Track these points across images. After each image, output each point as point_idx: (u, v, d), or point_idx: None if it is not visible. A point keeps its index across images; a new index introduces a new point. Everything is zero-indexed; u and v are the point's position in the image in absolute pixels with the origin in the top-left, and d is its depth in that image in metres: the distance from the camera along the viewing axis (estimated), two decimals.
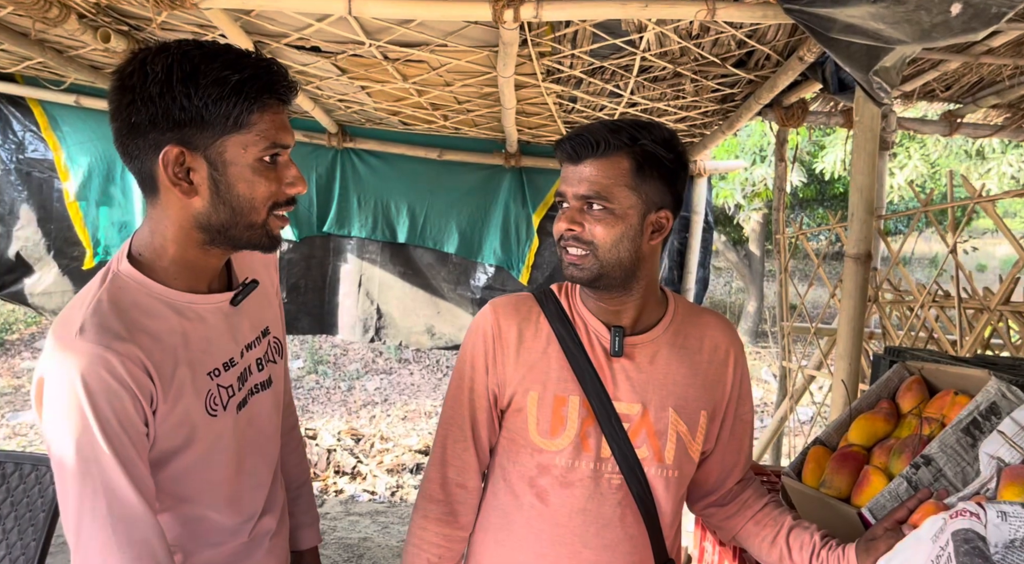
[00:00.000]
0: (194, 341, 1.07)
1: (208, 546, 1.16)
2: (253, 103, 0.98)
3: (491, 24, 1.85)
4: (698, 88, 2.46)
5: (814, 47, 1.89)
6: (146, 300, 1.04)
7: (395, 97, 2.77)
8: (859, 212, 1.79)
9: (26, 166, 3.25)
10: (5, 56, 2.70)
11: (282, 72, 1.03)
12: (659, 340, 1.24)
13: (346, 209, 3.56)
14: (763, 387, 8.29)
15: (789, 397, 2.88)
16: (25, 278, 3.37)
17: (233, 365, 1.14)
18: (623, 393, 1.21)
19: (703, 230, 3.67)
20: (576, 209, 1.16)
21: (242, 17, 1.97)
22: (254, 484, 1.20)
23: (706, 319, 1.30)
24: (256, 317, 1.22)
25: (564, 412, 1.22)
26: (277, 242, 1.09)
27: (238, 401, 1.14)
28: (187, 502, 1.12)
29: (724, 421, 1.29)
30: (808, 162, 7.61)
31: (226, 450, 1.12)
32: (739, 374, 1.29)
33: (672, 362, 1.23)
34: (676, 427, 1.22)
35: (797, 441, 3.61)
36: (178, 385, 1.04)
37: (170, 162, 0.99)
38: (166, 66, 0.96)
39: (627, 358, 1.22)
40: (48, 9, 1.77)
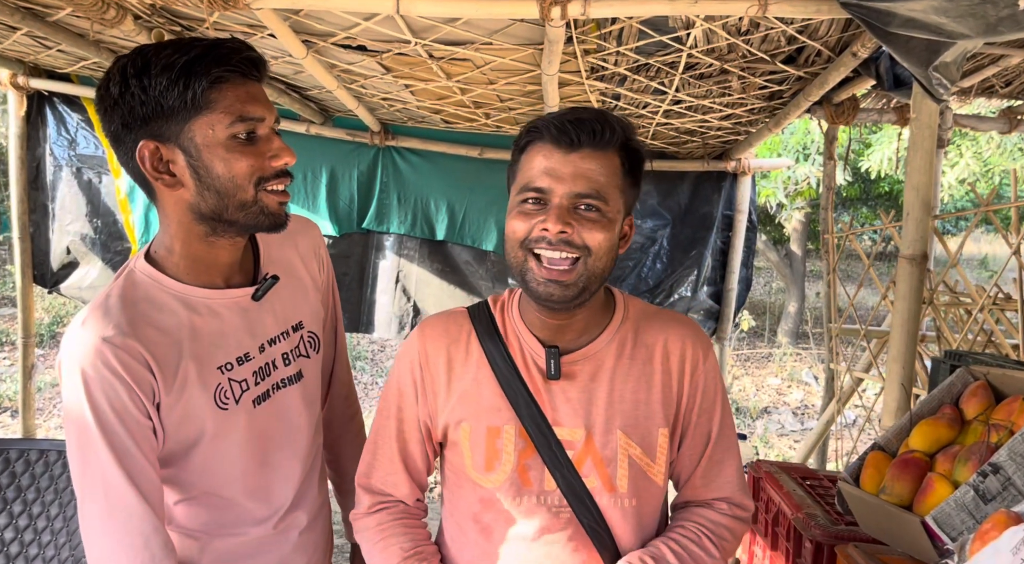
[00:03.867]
0: (204, 335, 1.08)
1: (230, 535, 1.17)
2: (204, 79, 0.97)
3: (537, 22, 1.84)
4: (745, 85, 2.42)
5: (869, 42, 1.85)
6: (158, 295, 1.06)
7: (438, 95, 2.78)
8: (915, 211, 1.74)
9: (77, 162, 3.34)
10: (62, 57, 2.77)
11: (236, 47, 1.01)
12: (601, 353, 1.10)
13: (386, 206, 3.59)
14: (804, 389, 8.14)
15: (836, 400, 2.81)
16: (74, 272, 3.47)
17: (248, 360, 1.13)
18: (564, 417, 1.09)
19: (747, 229, 3.62)
20: (565, 208, 1.00)
21: (291, 17, 1.99)
22: (282, 477, 1.21)
23: (662, 323, 1.14)
24: (285, 312, 1.21)
25: (499, 444, 1.10)
26: (278, 219, 1.08)
27: (255, 395, 1.14)
28: (210, 493, 1.14)
29: (684, 437, 1.14)
30: (853, 161, 7.44)
31: (244, 443, 1.13)
32: (699, 383, 1.13)
33: (617, 377, 1.09)
34: (627, 450, 1.08)
35: (841, 445, 3.53)
36: (182, 378, 1.05)
37: (147, 157, 1.00)
38: (121, 67, 0.99)
39: (566, 379, 1.09)
40: (106, 11, 1.81)
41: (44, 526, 1.61)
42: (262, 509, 1.19)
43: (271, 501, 1.20)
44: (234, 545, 1.17)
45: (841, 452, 3.05)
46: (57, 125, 3.30)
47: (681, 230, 3.60)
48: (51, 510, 1.61)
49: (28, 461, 1.61)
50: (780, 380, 8.45)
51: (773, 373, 8.70)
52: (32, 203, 3.34)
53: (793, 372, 8.63)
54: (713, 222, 3.59)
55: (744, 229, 3.61)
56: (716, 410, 1.15)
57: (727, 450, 1.17)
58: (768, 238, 10.70)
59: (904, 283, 1.76)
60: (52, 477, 1.58)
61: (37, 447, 1.63)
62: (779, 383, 8.36)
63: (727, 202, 3.61)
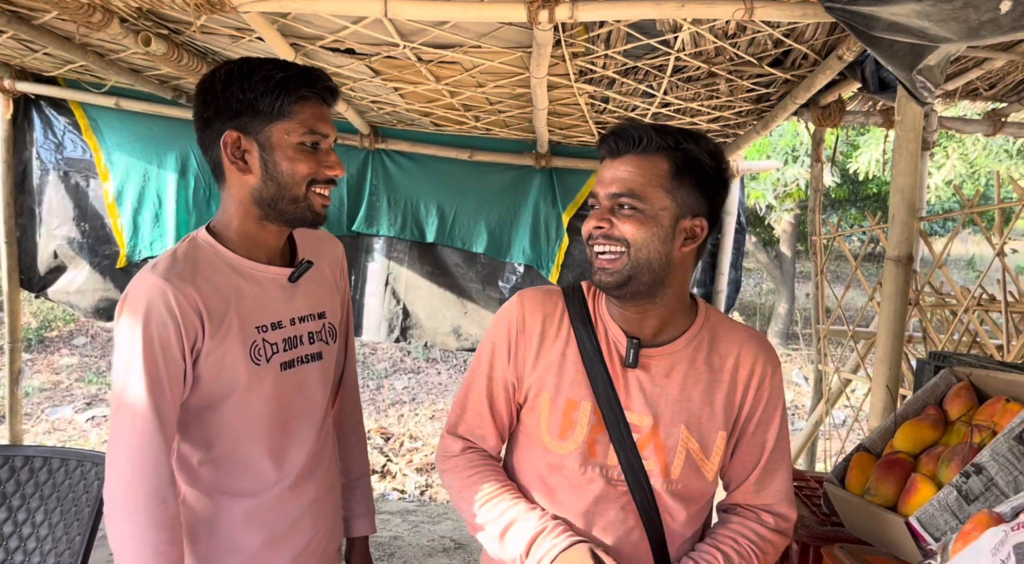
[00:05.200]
0: (247, 297, 1.27)
1: (247, 496, 1.30)
2: (293, 96, 1.19)
3: (525, 25, 1.85)
4: (733, 88, 2.44)
5: (854, 46, 1.86)
6: (213, 258, 1.26)
7: (427, 98, 2.78)
8: (900, 213, 1.76)
9: (64, 166, 3.32)
10: (48, 60, 2.76)
11: (321, 75, 1.24)
12: (678, 354, 1.21)
13: (375, 208, 3.59)
14: (794, 390, 8.17)
15: (825, 401, 2.83)
16: (62, 276, 3.45)
17: (280, 327, 1.31)
18: (635, 404, 1.20)
19: (735, 231, 3.63)
20: (607, 208, 1.14)
21: (279, 20, 1.99)
22: (298, 443, 1.35)
23: (738, 336, 1.24)
24: (313, 298, 1.39)
25: (575, 417, 1.21)
26: (320, 216, 1.28)
27: (283, 360, 1.30)
28: (233, 451, 1.28)
29: (739, 442, 1.24)
30: (841, 162, 7.49)
31: (269, 402, 1.29)
32: (762, 397, 1.22)
33: (689, 378, 1.20)
34: (687, 444, 1.19)
35: (831, 445, 3.55)
36: (226, 328, 1.22)
37: (229, 144, 1.22)
38: (228, 69, 1.22)
39: (642, 370, 1.20)
40: (92, 14, 1.80)
41: (29, 533, 1.60)
42: (278, 471, 1.32)
43: (286, 465, 1.33)
44: (250, 506, 1.30)
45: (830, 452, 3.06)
46: (44, 128, 3.28)
47: None
48: (36, 517, 1.60)
49: (13, 467, 1.60)
50: None
51: None
52: (19, 207, 3.32)
53: (783, 372, 8.65)
54: None
55: (733, 231, 3.62)
56: (774, 423, 1.23)
57: (780, 462, 1.25)
58: (758, 239, 10.75)
59: (890, 284, 1.78)
60: (37, 484, 1.56)
61: (22, 454, 1.62)
62: None
63: None
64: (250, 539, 1.30)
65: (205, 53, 2.42)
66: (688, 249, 1.15)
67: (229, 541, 1.30)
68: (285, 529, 1.35)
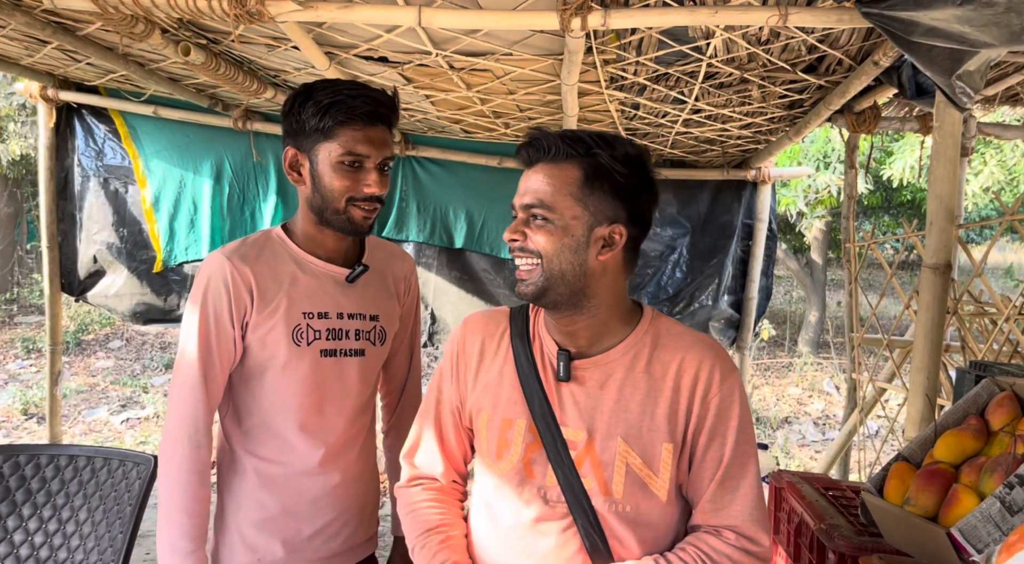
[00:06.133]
0: (301, 285, 1.43)
1: (276, 463, 1.44)
2: (336, 119, 1.34)
3: (557, 33, 1.86)
4: (765, 94, 2.42)
5: (890, 51, 1.84)
6: (279, 249, 1.45)
7: (458, 106, 2.80)
8: (938, 221, 1.73)
9: (104, 173, 3.40)
10: (91, 69, 2.83)
11: (369, 97, 1.36)
12: (615, 363, 1.16)
13: (405, 214, 3.62)
14: (825, 399, 8.05)
15: (859, 410, 2.78)
16: (101, 280, 3.52)
17: (326, 317, 1.44)
18: (570, 419, 1.15)
19: (767, 238, 3.60)
20: (521, 220, 1.14)
21: (314, 29, 2.02)
22: (328, 428, 1.46)
23: (686, 343, 1.17)
24: (368, 301, 1.51)
25: (510, 435, 1.19)
26: (358, 227, 1.41)
27: (324, 347, 1.43)
28: (269, 421, 1.43)
29: (694, 458, 1.15)
30: (875, 169, 7.38)
31: (304, 383, 1.42)
32: (710, 405, 1.13)
33: (627, 387, 1.14)
34: (626, 458, 1.12)
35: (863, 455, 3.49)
36: (274, 307, 1.39)
37: (288, 158, 1.42)
38: (295, 94, 1.40)
39: (576, 382, 1.16)
40: (135, 25, 1.85)
41: (73, 531, 1.64)
42: (304, 449, 1.44)
43: (313, 444, 1.44)
44: (278, 473, 1.44)
45: (863, 463, 3.01)
46: (85, 136, 3.36)
47: (701, 239, 3.59)
48: (80, 515, 1.64)
49: (58, 466, 1.65)
50: (801, 390, 8.37)
51: (793, 383, 8.62)
52: (60, 213, 3.40)
53: (814, 382, 8.54)
54: (733, 231, 3.57)
55: (764, 238, 3.60)
56: (729, 436, 1.14)
57: (741, 478, 1.14)
58: (788, 246, 10.62)
59: (927, 293, 1.75)
60: (81, 482, 1.61)
61: (67, 453, 1.66)
62: (800, 393, 8.28)
63: (747, 211, 3.60)
64: (269, 501, 1.44)
65: (241, 62, 2.47)
66: (606, 257, 1.12)
67: (254, 497, 1.45)
68: (304, 504, 1.45)
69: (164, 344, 9.04)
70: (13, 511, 1.62)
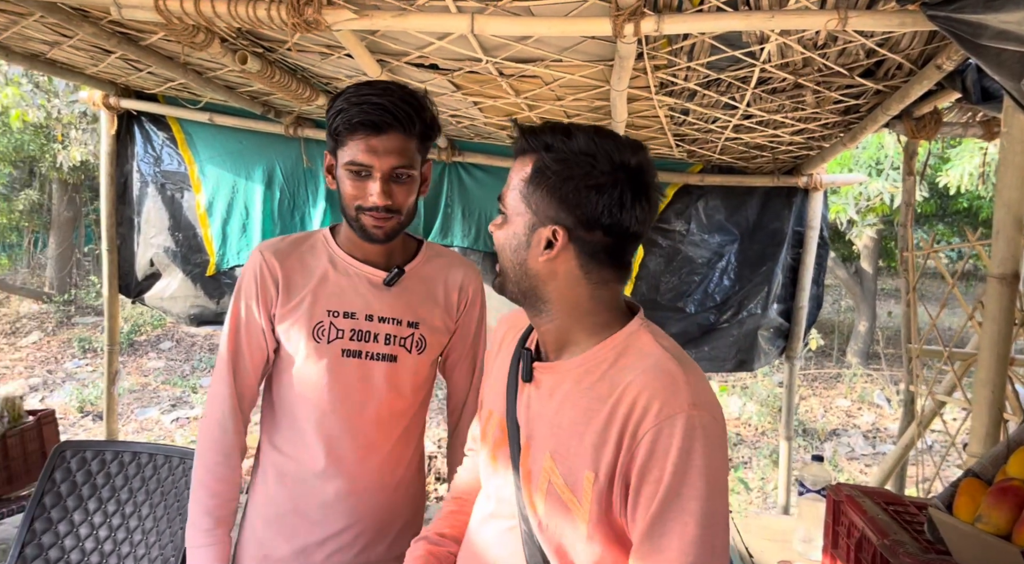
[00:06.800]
0: (330, 283, 1.43)
1: (290, 458, 1.44)
2: (345, 126, 1.34)
3: (609, 39, 1.85)
4: (819, 99, 2.37)
5: (955, 54, 1.79)
6: (320, 247, 1.48)
7: (506, 112, 2.81)
8: (1006, 229, 1.67)
9: (161, 178, 3.50)
10: (151, 78, 2.92)
11: (376, 104, 1.33)
12: (566, 374, 1.07)
13: (450, 219, 3.65)
14: (875, 412, 7.84)
15: (918, 423, 2.70)
16: (157, 283, 3.63)
17: (352, 317, 1.43)
18: (523, 420, 1.11)
19: (818, 246, 3.53)
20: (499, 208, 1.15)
21: (368, 37, 2.05)
22: (350, 432, 1.44)
23: (644, 364, 0.99)
24: (406, 306, 1.48)
25: (488, 427, 1.20)
26: (371, 236, 1.40)
27: (346, 347, 1.42)
28: (291, 411, 1.44)
29: (629, 496, 0.96)
30: (929, 176, 7.17)
31: (323, 379, 1.41)
32: (644, 442, 0.93)
33: (568, 401, 1.04)
34: (549, 475, 1.04)
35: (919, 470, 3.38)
36: (298, 301, 1.41)
37: (325, 160, 1.45)
38: (332, 98, 1.41)
39: (534, 385, 1.12)
40: (196, 34, 1.90)
41: (136, 525, 1.69)
42: (317, 447, 1.43)
43: (332, 445, 1.43)
44: (292, 469, 1.44)
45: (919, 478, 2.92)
46: (144, 143, 3.47)
47: (750, 246, 3.53)
48: (142, 510, 1.69)
49: (122, 462, 1.70)
50: (850, 402, 8.16)
51: (842, 394, 8.41)
52: (119, 217, 3.51)
53: (864, 394, 8.32)
54: (783, 238, 3.51)
55: (815, 246, 3.52)
56: (665, 480, 0.91)
57: (669, 536, 0.91)
58: (837, 255, 10.39)
59: (994, 303, 1.69)
60: (143, 479, 1.66)
61: (130, 449, 1.71)
62: (848, 405, 8.07)
63: (798, 218, 3.53)
64: (281, 498, 1.44)
65: (295, 70, 2.52)
66: (546, 259, 1.04)
67: (267, 492, 1.46)
68: (315, 506, 1.43)
69: (212, 345, 9.25)
70: (79, 505, 1.68)
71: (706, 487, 0.91)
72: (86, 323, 9.93)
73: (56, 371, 8.24)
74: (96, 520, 1.68)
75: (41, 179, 11.42)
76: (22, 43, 2.49)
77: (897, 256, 3.18)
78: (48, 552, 1.72)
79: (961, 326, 2.58)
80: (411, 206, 1.43)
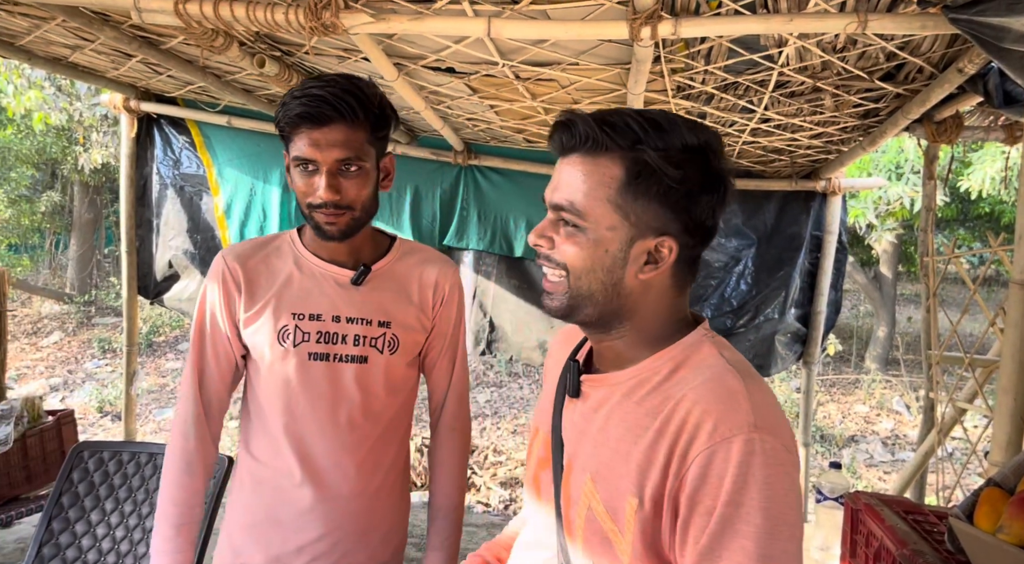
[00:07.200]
0: (294, 286, 1.39)
1: (263, 465, 1.41)
2: (287, 120, 1.29)
3: (625, 42, 1.85)
4: (838, 103, 2.35)
5: (977, 58, 1.76)
6: (285, 248, 1.43)
7: (522, 115, 2.81)
8: None
9: (180, 180, 3.54)
10: (170, 81, 2.95)
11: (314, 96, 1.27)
12: (617, 387, 0.94)
13: (466, 223, 3.65)
14: (895, 418, 7.75)
15: (937, 431, 2.66)
16: (175, 284, 3.66)
17: (318, 319, 1.38)
18: (567, 438, 0.99)
19: (836, 250, 3.49)
20: (549, 221, 0.93)
21: (384, 41, 2.06)
22: (321, 436, 1.39)
23: (702, 378, 0.87)
24: (378, 306, 1.43)
25: (534, 445, 1.08)
26: (325, 233, 1.34)
27: (312, 350, 1.38)
28: (262, 415, 1.40)
29: (680, 528, 0.83)
30: (952, 180, 7.09)
31: (290, 384, 1.37)
32: (695, 465, 0.81)
33: (614, 417, 0.91)
34: (590, 500, 0.91)
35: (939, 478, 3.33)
36: (263, 305, 1.37)
37: (285, 160, 1.36)
38: None
39: (581, 399, 0.99)
40: (215, 38, 1.92)
41: (152, 526, 1.70)
42: (292, 454, 1.39)
43: (302, 451, 1.39)
44: (267, 476, 1.41)
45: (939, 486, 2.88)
46: (164, 146, 3.51)
47: (767, 250, 3.50)
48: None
49: (139, 463, 1.71)
50: (868, 408, 8.07)
51: (860, 400, 8.32)
52: (139, 219, 3.55)
53: (882, 400, 8.23)
54: (801, 243, 3.48)
55: (834, 250, 3.49)
56: (717, 509, 0.79)
57: None
58: (856, 260, 10.29)
59: (1016, 309, 1.66)
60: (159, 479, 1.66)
61: (147, 450, 1.72)
62: (867, 411, 7.99)
63: (816, 222, 3.50)
64: (256, 505, 1.41)
65: (313, 73, 2.53)
66: (650, 275, 0.90)
67: (244, 499, 1.43)
68: (290, 513, 1.39)
69: None
70: (97, 505, 1.69)
71: (765, 523, 0.77)
72: (106, 324, 10.04)
73: (76, 371, 8.34)
74: (113, 520, 1.69)
75: (63, 181, 11.58)
76: (45, 47, 2.52)
77: (917, 261, 3.14)
78: (65, 552, 1.74)
79: (983, 332, 2.54)
80: (366, 200, 1.35)
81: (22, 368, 8.30)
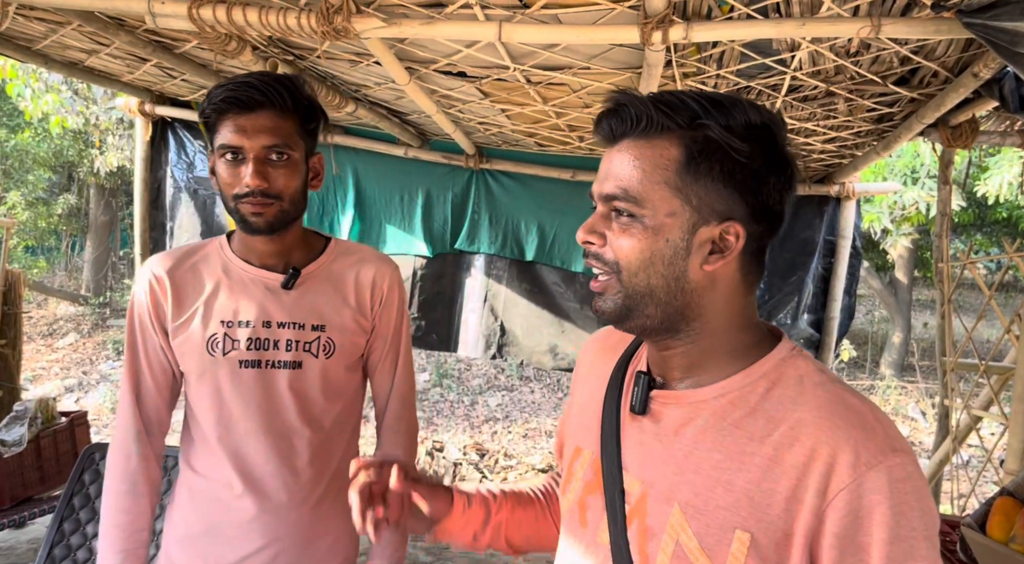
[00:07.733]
0: (222, 293, 1.35)
1: (202, 477, 1.38)
2: (213, 108, 1.26)
3: (637, 46, 1.84)
4: (852, 107, 2.33)
5: (992, 62, 1.74)
6: (214, 255, 1.39)
7: (533, 119, 2.81)
8: None
9: (194, 184, 3.56)
10: (184, 85, 2.98)
11: (242, 83, 1.24)
12: (702, 405, 0.84)
13: (477, 227, 3.66)
14: (910, 425, 7.67)
15: (952, 438, 2.63)
16: None
17: (247, 326, 1.35)
18: (632, 463, 0.88)
19: (850, 255, 3.47)
20: (599, 215, 0.85)
21: (396, 45, 2.07)
22: (257, 446, 1.35)
23: (817, 401, 0.79)
24: (312, 310, 1.39)
25: (575, 467, 0.96)
26: (252, 226, 1.30)
27: (243, 357, 1.34)
28: (200, 425, 1.37)
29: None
30: (969, 185, 7.02)
31: (224, 394, 1.34)
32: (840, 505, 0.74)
33: (707, 440, 0.82)
34: (678, 534, 0.81)
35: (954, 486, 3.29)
36: (191, 314, 1.34)
37: (209, 163, 1.34)
38: None
39: (652, 418, 0.88)
40: (228, 43, 1.93)
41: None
42: (229, 464, 1.35)
43: (237, 461, 1.35)
44: (203, 487, 1.37)
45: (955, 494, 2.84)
46: (178, 149, 3.54)
47: (780, 255, 3.48)
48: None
49: None
50: None
51: None
52: (152, 222, 3.58)
53: (898, 406, 8.15)
54: (814, 247, 3.46)
55: (847, 256, 3.46)
56: (873, 551, 0.73)
57: None
58: (871, 265, 10.21)
59: None
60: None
61: None
62: None
63: (829, 227, 3.47)
64: (194, 518, 1.37)
65: (325, 77, 2.54)
66: (715, 266, 0.81)
67: (181, 512, 1.40)
68: (228, 525, 1.35)
69: None
70: None
71: (931, 552, 0.74)
72: (120, 325, 10.12)
73: (91, 372, 8.42)
74: None
75: (79, 184, 11.71)
76: (61, 51, 2.55)
77: (933, 266, 3.11)
78: (76, 553, 1.75)
79: (998, 339, 2.51)
80: (295, 193, 1.31)
81: (37, 369, 8.39)
